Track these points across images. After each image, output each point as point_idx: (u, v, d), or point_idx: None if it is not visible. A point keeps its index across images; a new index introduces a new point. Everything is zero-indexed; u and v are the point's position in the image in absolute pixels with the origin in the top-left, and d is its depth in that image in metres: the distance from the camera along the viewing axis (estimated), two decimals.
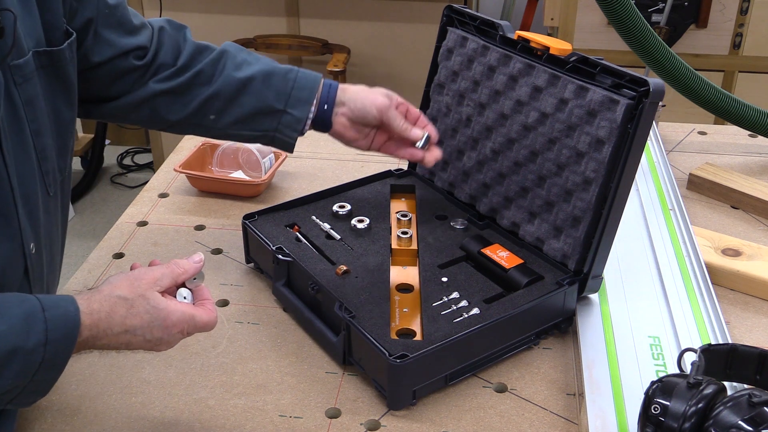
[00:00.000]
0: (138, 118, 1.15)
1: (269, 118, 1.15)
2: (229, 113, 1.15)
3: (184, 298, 0.88)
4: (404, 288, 1.12)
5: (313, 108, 1.16)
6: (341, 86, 1.17)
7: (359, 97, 1.17)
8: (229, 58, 1.15)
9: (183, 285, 0.89)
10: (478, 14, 1.25)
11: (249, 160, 1.50)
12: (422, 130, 1.18)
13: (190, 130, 1.19)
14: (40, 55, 0.90)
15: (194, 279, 0.89)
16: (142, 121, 1.16)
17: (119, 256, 1.29)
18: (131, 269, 0.89)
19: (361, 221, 1.22)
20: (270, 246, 1.16)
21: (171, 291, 0.88)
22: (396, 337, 1.01)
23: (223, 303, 1.17)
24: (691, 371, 0.83)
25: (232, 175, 1.49)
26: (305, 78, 1.15)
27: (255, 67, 1.15)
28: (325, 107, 1.17)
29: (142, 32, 1.11)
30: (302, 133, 1.18)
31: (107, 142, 3.75)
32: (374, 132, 1.20)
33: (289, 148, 1.18)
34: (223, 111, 1.14)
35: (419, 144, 1.18)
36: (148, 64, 1.11)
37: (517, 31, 1.18)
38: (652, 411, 0.80)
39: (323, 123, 1.18)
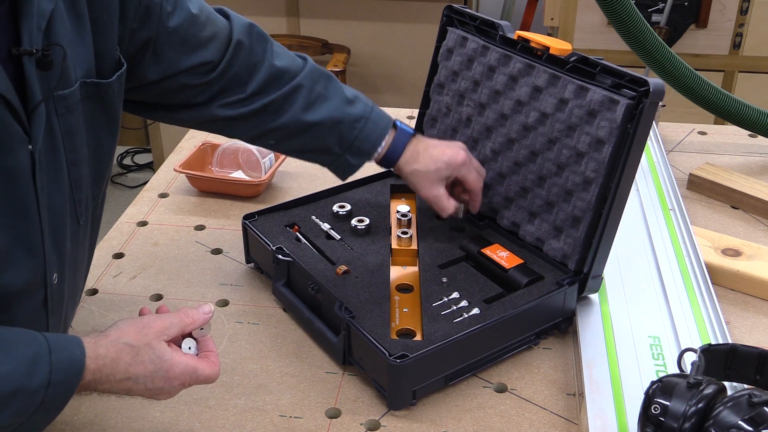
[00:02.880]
0: (204, 129, 1.17)
1: (326, 156, 1.16)
2: (288, 144, 1.16)
3: (189, 348, 0.88)
4: (404, 288, 1.12)
5: (371, 159, 1.16)
6: (401, 161, 1.16)
7: (409, 180, 1.18)
8: (301, 95, 1.11)
9: (189, 334, 0.89)
10: (478, 14, 1.25)
11: (249, 160, 1.50)
12: (457, 208, 1.20)
13: (251, 143, 1.20)
14: (87, 85, 0.88)
15: (201, 329, 0.89)
16: (208, 131, 1.18)
17: (119, 256, 1.29)
18: (140, 314, 0.89)
19: (361, 221, 1.22)
20: (270, 246, 1.16)
21: (177, 339, 0.88)
22: (396, 337, 1.01)
23: (223, 303, 1.17)
24: (691, 371, 0.83)
25: (232, 175, 1.49)
26: (372, 130, 1.14)
27: (326, 108, 1.12)
28: (387, 168, 1.19)
29: (210, 45, 1.05)
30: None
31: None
32: None
33: (341, 179, 1.21)
34: (284, 141, 1.15)
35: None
36: (214, 80, 1.07)
37: (517, 31, 1.18)
38: (652, 411, 0.80)
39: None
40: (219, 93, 1.08)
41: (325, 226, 1.22)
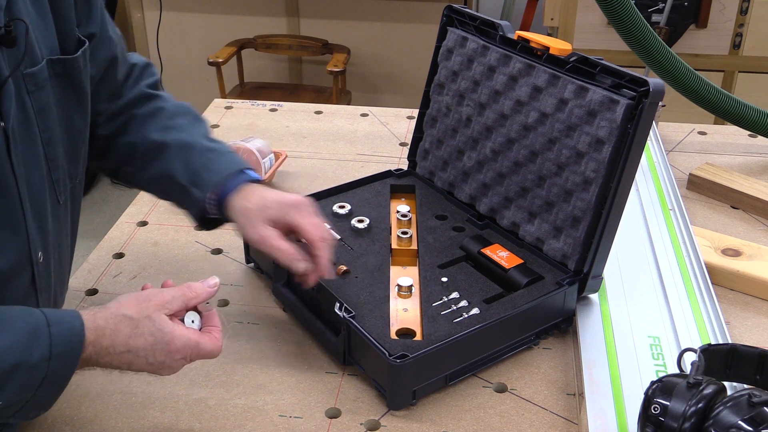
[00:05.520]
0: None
1: (177, 190, 1.05)
2: (143, 172, 1.07)
3: (192, 322, 0.87)
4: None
5: (211, 195, 1.03)
6: (231, 201, 1.02)
7: (238, 223, 1.02)
8: (160, 118, 1.07)
9: (195, 308, 0.88)
10: (478, 14, 1.25)
11: (249, 160, 1.49)
12: (304, 263, 0.99)
13: (121, 180, 1.12)
14: (54, 62, 0.89)
15: (207, 303, 0.88)
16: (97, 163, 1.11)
17: (119, 256, 1.29)
18: (142, 290, 0.88)
19: (361, 221, 1.22)
20: None
21: (180, 313, 0.87)
22: (396, 337, 1.01)
23: (223, 303, 1.17)
24: (691, 371, 0.83)
25: None
26: (222, 163, 1.04)
27: (180, 134, 1.06)
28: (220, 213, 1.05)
29: (122, 66, 1.07)
30: (209, 216, 1.06)
31: None
32: None
33: (194, 222, 1.08)
34: (140, 168, 1.07)
35: None
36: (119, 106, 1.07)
37: (517, 31, 1.18)
38: (652, 411, 0.80)
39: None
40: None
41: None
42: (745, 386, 0.94)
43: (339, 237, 1.20)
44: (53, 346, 0.76)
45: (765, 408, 0.76)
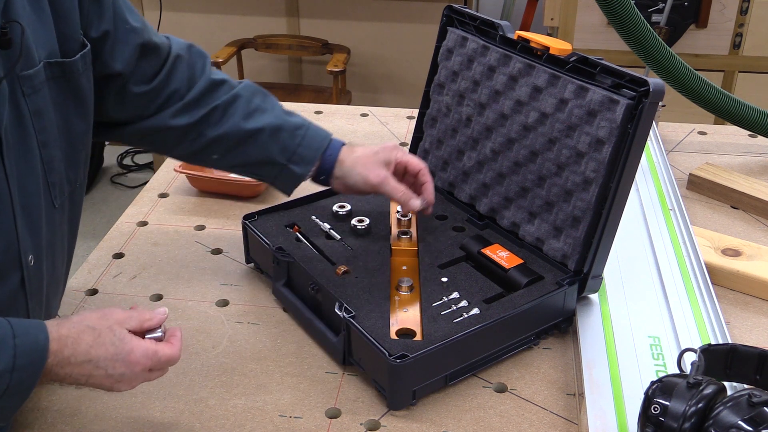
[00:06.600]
0: (147, 145, 1.16)
1: (270, 168, 1.16)
2: (232, 157, 1.15)
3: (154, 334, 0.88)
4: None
5: (313, 168, 1.16)
6: (340, 157, 1.17)
7: (354, 172, 1.16)
8: (240, 105, 1.13)
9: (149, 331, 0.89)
10: (478, 14, 1.25)
11: None
12: (419, 201, 1.17)
13: (193, 162, 1.21)
14: (52, 66, 0.89)
15: (160, 332, 0.88)
16: (150, 148, 1.19)
17: (119, 256, 1.29)
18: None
19: (361, 221, 1.22)
20: (270, 246, 1.16)
21: (136, 333, 0.87)
22: (396, 337, 1.01)
23: (223, 303, 1.17)
24: (691, 371, 0.83)
25: (232, 175, 1.49)
26: (313, 138, 1.16)
27: (265, 118, 1.14)
28: (322, 178, 1.18)
29: (154, 53, 1.08)
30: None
31: (107, 142, 3.75)
32: None
33: (286, 193, 1.21)
34: (227, 154, 1.15)
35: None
36: (157, 89, 1.08)
37: (517, 31, 1.18)
38: (652, 411, 0.80)
39: (324, 183, 1.20)
40: (163, 103, 1.10)
41: (325, 226, 1.22)
42: (745, 386, 0.94)
43: (339, 237, 1.20)
44: (17, 357, 0.76)
45: (765, 408, 0.76)
